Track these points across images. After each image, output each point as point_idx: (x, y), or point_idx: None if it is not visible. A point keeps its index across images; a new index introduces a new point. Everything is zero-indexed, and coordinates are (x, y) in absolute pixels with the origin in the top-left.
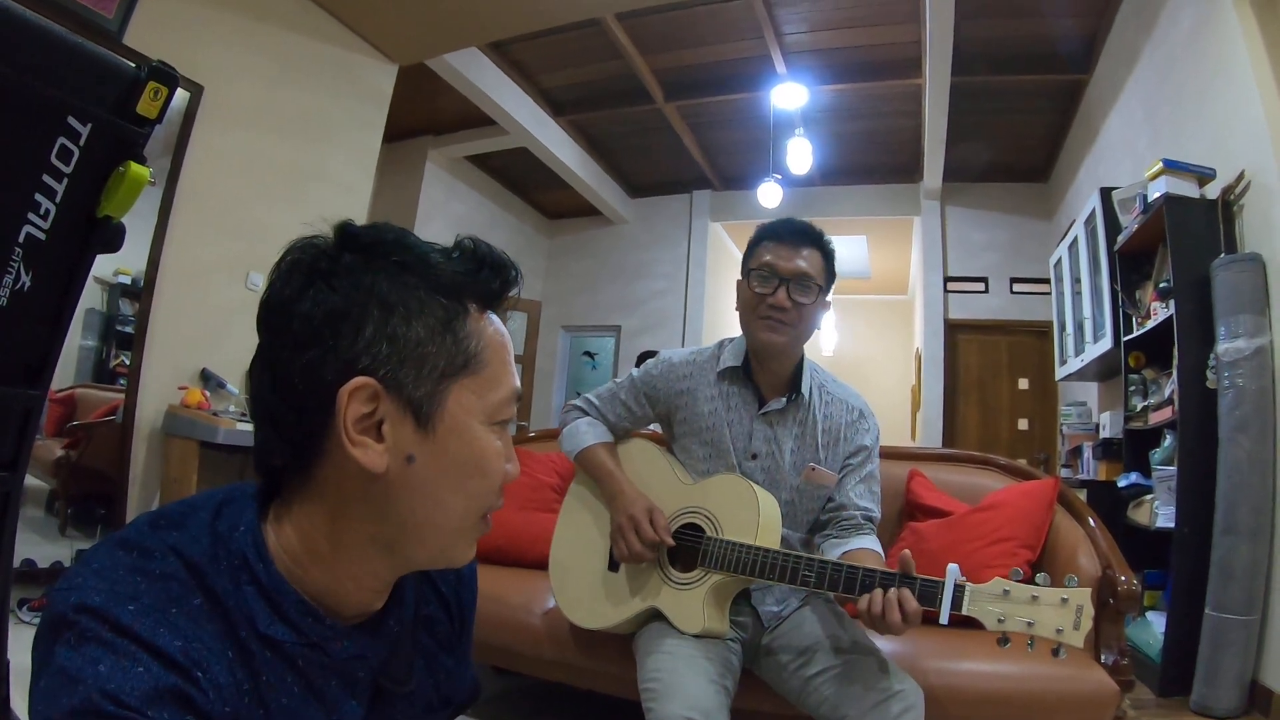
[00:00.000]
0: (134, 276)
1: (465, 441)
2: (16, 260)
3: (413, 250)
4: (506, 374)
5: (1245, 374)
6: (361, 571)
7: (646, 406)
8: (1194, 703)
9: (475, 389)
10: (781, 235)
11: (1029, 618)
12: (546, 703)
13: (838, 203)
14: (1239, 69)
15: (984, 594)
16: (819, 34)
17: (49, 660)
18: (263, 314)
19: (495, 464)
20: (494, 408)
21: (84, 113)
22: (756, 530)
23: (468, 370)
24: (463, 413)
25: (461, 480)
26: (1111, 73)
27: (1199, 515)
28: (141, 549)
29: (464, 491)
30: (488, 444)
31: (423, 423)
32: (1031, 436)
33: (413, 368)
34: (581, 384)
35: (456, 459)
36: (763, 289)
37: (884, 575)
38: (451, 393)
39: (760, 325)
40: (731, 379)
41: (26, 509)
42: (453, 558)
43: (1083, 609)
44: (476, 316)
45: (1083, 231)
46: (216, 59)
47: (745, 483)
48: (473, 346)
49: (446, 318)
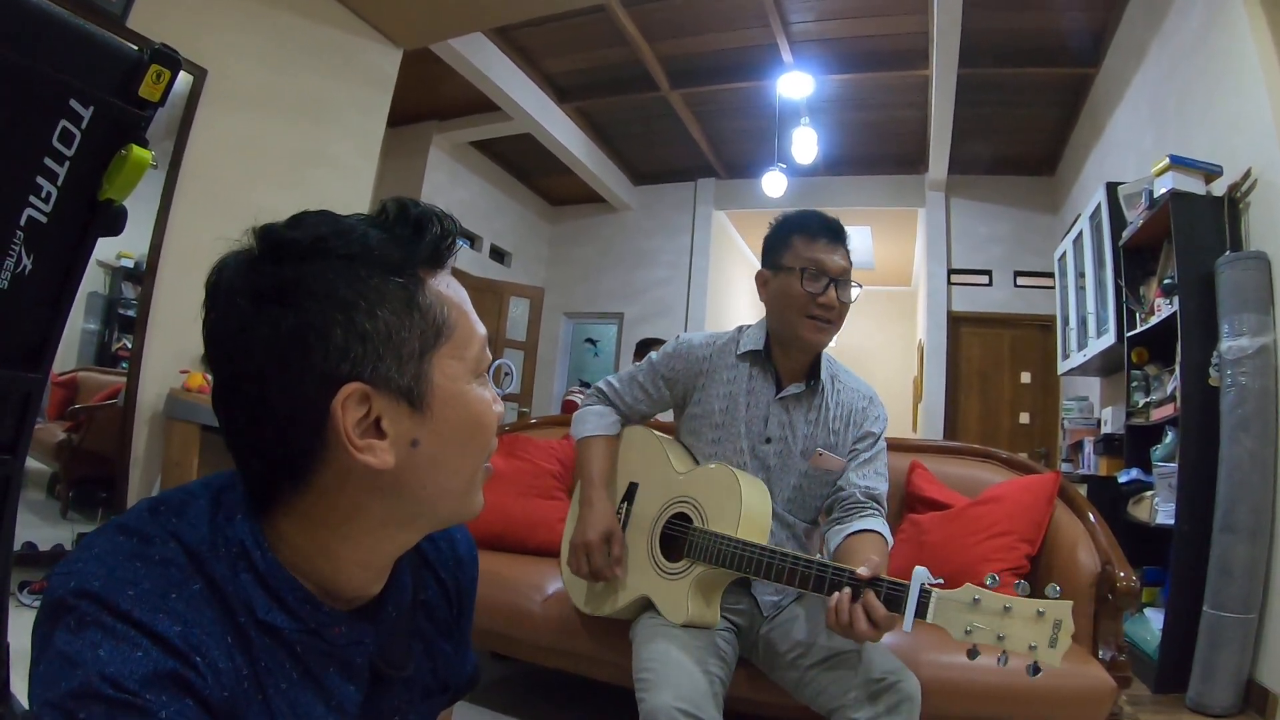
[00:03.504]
0: (136, 260)
1: (460, 406)
2: (18, 243)
3: (350, 236)
4: (473, 326)
5: (1248, 372)
6: (371, 556)
7: (664, 390)
8: (1190, 700)
9: (453, 353)
10: (820, 232)
11: (1000, 630)
12: (545, 689)
13: (842, 193)
14: (1248, 66)
15: (952, 601)
16: (826, 23)
17: (49, 644)
18: (214, 351)
19: (490, 414)
20: (474, 363)
21: (86, 96)
22: (738, 522)
23: (442, 338)
24: (449, 381)
25: (466, 442)
26: (1119, 67)
27: (1199, 513)
28: (141, 535)
29: (470, 450)
30: (479, 399)
31: (418, 405)
32: (1033, 430)
33: (392, 357)
34: (583, 371)
35: (457, 425)
36: (813, 287)
37: (852, 576)
38: (435, 365)
39: (809, 325)
40: (752, 361)
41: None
42: (470, 511)
43: (1061, 624)
44: (431, 282)
45: (1088, 226)
46: (220, 42)
47: (732, 473)
48: (439, 314)
49: (407, 296)
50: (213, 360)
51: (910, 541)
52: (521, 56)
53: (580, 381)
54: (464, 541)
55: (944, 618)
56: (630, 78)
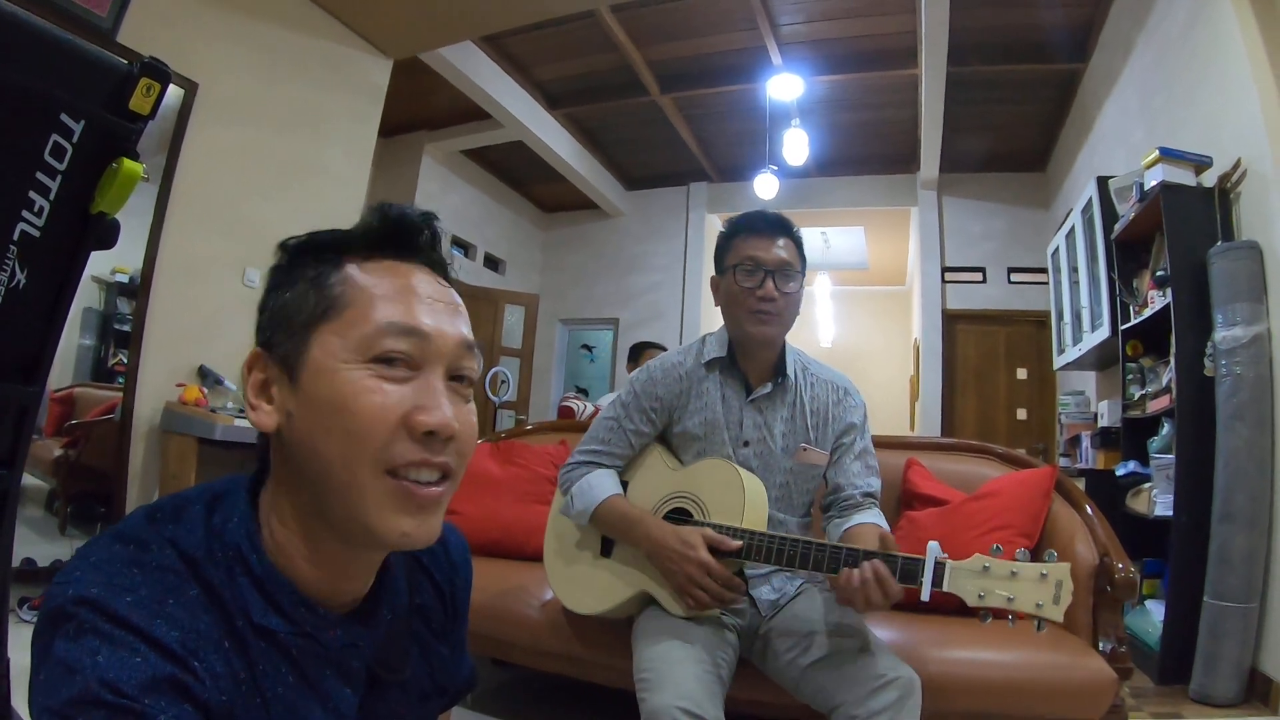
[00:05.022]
0: (131, 275)
1: (326, 382)
2: (11, 258)
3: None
4: (373, 311)
5: (1243, 362)
6: (331, 551)
7: (656, 418)
8: (1193, 691)
9: (337, 330)
10: (757, 228)
11: (1009, 593)
12: (546, 695)
13: (834, 194)
14: (1234, 57)
15: (964, 570)
16: (814, 24)
17: (48, 652)
18: None
19: (364, 401)
20: (359, 343)
21: (76, 109)
22: (742, 512)
23: (329, 315)
24: (324, 355)
25: (329, 423)
26: (1107, 62)
27: (1197, 503)
28: (138, 542)
29: (335, 435)
30: (353, 382)
31: (293, 376)
32: (1030, 426)
33: (283, 328)
34: (580, 378)
35: (321, 403)
36: (749, 282)
37: (866, 554)
38: (314, 340)
39: (751, 319)
40: (719, 369)
41: (26, 508)
42: (371, 525)
43: (1062, 584)
44: (352, 266)
45: (1080, 220)
46: (210, 55)
47: (731, 466)
48: (334, 292)
49: (316, 275)
50: None
51: (908, 538)
52: (511, 64)
53: (576, 388)
54: (457, 545)
55: (957, 585)
56: (620, 83)
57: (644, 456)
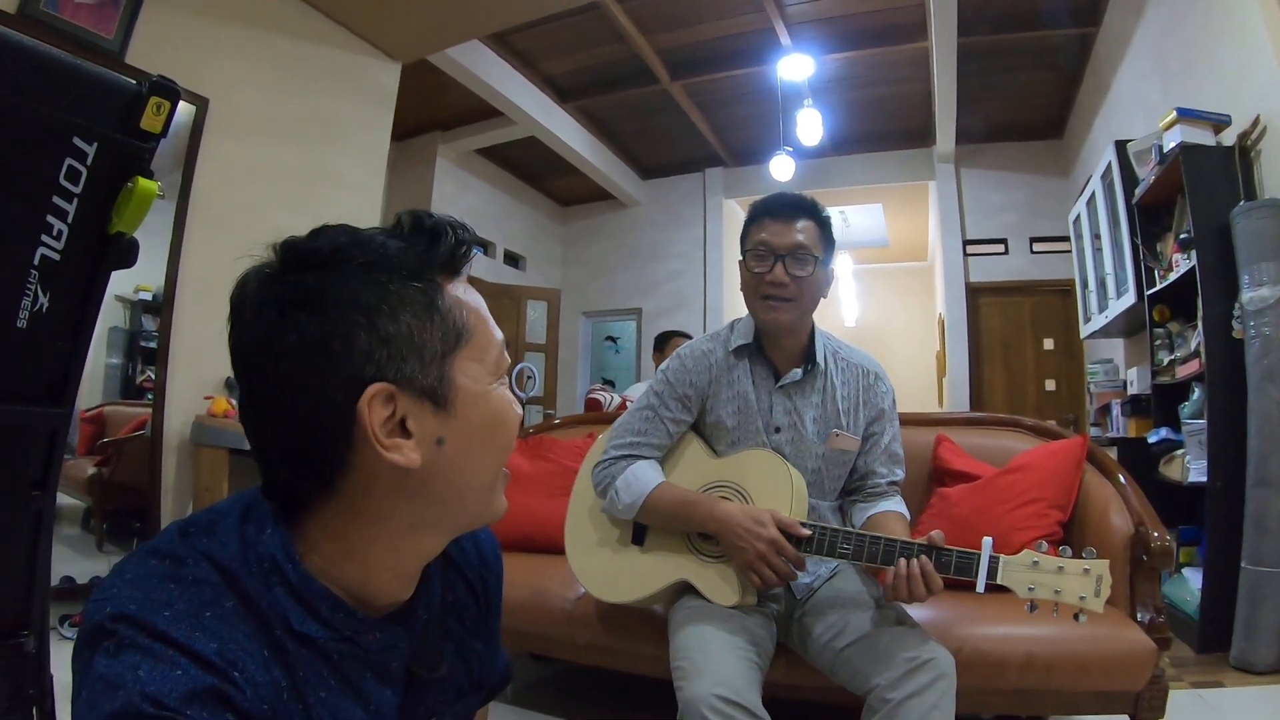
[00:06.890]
0: (154, 292)
1: (483, 406)
2: (34, 282)
3: (370, 245)
4: (491, 331)
5: (1271, 322)
6: (401, 560)
7: (692, 405)
8: (1234, 658)
9: (473, 355)
10: (775, 210)
11: (1056, 586)
12: (584, 687)
13: (851, 172)
14: (1249, 13)
15: (1016, 565)
16: (821, 2)
17: (89, 670)
18: (241, 362)
19: (511, 412)
20: (494, 365)
21: (88, 132)
22: (791, 504)
23: (462, 341)
24: (471, 382)
25: (488, 440)
26: (1119, 24)
27: (1231, 468)
28: (173, 557)
29: (492, 448)
30: (500, 399)
31: (441, 405)
32: (1059, 397)
33: (415, 358)
34: (606, 370)
35: (480, 424)
36: (760, 267)
37: (921, 548)
38: (456, 367)
39: (762, 306)
40: (747, 356)
41: (63, 526)
42: (494, 513)
43: (1102, 579)
44: (449, 287)
45: (1100, 186)
46: (219, 71)
47: (776, 457)
48: (459, 318)
49: (427, 300)
50: (240, 372)
51: (940, 515)
52: (520, 60)
53: (603, 379)
54: (487, 541)
55: (1009, 578)
56: (630, 73)
57: (681, 446)
